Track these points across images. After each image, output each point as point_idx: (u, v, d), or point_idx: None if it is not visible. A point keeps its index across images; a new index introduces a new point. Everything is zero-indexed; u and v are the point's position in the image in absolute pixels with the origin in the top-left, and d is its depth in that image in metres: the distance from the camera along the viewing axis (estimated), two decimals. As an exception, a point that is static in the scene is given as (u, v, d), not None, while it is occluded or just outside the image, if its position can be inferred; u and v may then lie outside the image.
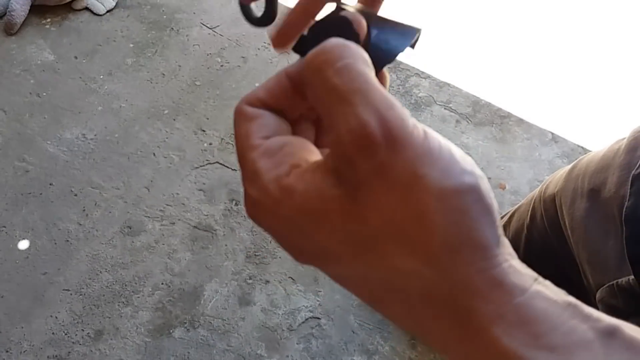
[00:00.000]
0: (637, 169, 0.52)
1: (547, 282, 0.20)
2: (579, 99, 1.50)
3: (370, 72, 0.20)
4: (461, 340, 0.20)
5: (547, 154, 1.41)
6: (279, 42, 0.31)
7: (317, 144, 0.26)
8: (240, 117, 0.25)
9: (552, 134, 1.44)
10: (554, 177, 0.70)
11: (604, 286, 0.53)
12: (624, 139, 0.59)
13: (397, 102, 0.20)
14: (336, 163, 0.20)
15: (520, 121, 1.46)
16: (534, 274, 0.20)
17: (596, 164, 0.60)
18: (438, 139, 0.20)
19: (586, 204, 0.59)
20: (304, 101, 0.25)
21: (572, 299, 0.20)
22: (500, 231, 0.21)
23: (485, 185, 0.20)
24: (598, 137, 1.42)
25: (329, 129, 0.20)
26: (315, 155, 0.23)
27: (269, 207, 0.22)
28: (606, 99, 1.49)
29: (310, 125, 0.27)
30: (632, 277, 0.49)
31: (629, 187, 0.51)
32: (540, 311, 0.19)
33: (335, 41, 0.21)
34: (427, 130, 0.20)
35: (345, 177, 0.20)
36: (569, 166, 0.68)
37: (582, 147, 1.41)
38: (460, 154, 0.20)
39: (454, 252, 0.19)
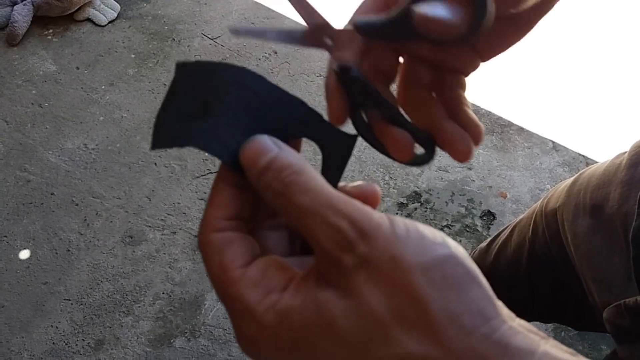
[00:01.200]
0: None
1: (553, 341, 0.20)
2: (579, 108, 1.50)
3: (317, 175, 0.22)
4: None
5: (548, 163, 1.41)
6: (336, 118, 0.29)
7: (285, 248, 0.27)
8: (209, 249, 0.24)
9: (553, 142, 1.44)
10: (555, 191, 0.70)
11: (611, 306, 0.51)
12: (625, 153, 0.58)
13: (357, 202, 0.22)
14: (323, 266, 0.21)
15: (520, 130, 1.46)
16: (540, 333, 0.20)
17: (597, 179, 0.59)
18: (404, 222, 0.21)
19: (589, 221, 0.58)
20: (255, 204, 0.26)
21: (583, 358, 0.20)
22: (492, 293, 0.21)
23: (462, 252, 0.21)
24: (599, 146, 1.42)
25: (308, 238, 0.22)
26: (290, 270, 0.23)
27: (269, 338, 0.22)
28: (607, 108, 1.49)
29: (268, 232, 0.27)
30: (639, 297, 0.48)
31: (636, 206, 0.49)
32: None
33: (255, 145, 0.23)
34: (392, 218, 0.21)
35: (336, 277, 0.21)
36: (570, 180, 0.66)
37: (583, 156, 1.42)
38: (428, 231, 0.21)
39: (456, 321, 0.19)
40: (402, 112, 0.29)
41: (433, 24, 0.23)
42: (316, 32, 0.28)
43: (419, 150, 0.28)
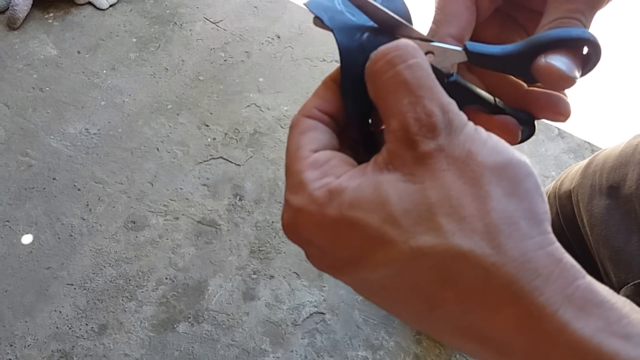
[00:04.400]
0: None
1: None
2: (584, 95, 1.48)
3: (430, 71, 0.22)
4: (525, 330, 0.18)
5: (554, 150, 1.40)
6: None
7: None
8: (295, 129, 0.25)
9: (559, 129, 1.43)
10: (569, 173, 0.69)
11: (629, 285, 0.52)
12: None
13: (455, 103, 0.22)
14: (394, 150, 0.21)
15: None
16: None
17: (614, 160, 0.59)
18: (487, 132, 0.21)
19: (606, 201, 0.58)
20: None
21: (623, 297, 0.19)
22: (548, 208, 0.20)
23: (532, 167, 0.21)
24: (604, 133, 1.41)
25: (391, 116, 0.22)
26: (353, 166, 0.24)
27: (313, 213, 0.22)
28: (612, 95, 1.48)
29: (349, 150, 0.28)
30: None
31: None
32: (606, 297, 0.18)
33: (405, 41, 0.22)
34: (477, 126, 0.22)
35: (404, 161, 0.21)
36: (584, 162, 0.66)
37: (588, 143, 1.40)
38: (506, 143, 0.21)
39: (512, 224, 0.19)
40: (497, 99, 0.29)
41: (555, 76, 0.24)
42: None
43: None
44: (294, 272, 1.23)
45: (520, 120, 0.29)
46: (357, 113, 0.26)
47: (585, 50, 0.26)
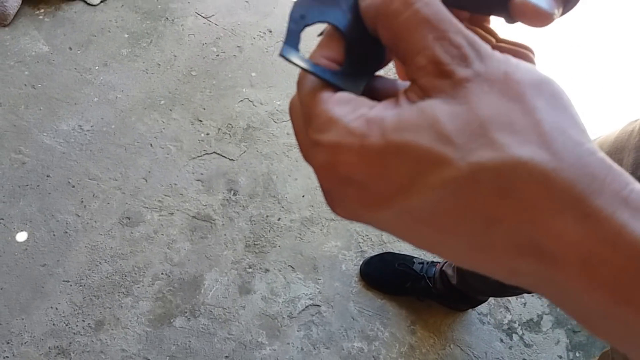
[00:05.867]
0: None
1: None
2: (577, 86, 1.50)
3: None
4: (585, 234, 0.18)
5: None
6: None
7: None
8: (305, 78, 0.23)
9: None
10: None
11: None
12: (637, 120, 0.59)
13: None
14: (429, 81, 0.21)
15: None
16: None
17: (610, 146, 0.60)
18: (514, 57, 0.21)
19: None
20: None
21: None
22: None
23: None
24: (597, 122, 1.43)
25: (416, 54, 0.21)
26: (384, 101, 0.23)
27: (354, 145, 0.20)
28: (602, 86, 1.49)
29: None
30: None
31: None
32: None
33: None
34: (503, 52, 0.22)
35: (443, 87, 0.20)
36: None
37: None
38: (532, 66, 0.21)
39: (563, 133, 0.19)
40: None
41: (532, 12, 0.24)
42: None
43: None
44: (289, 266, 1.23)
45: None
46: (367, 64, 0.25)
47: None
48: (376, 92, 0.26)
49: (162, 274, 1.22)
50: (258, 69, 1.53)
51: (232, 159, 1.38)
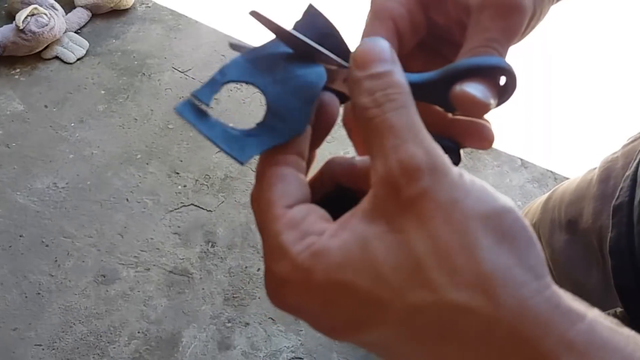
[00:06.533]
0: (616, 199, 0.51)
1: (597, 310, 0.19)
2: (545, 125, 1.54)
3: (416, 112, 0.22)
4: None
5: (518, 180, 1.44)
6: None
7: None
8: (262, 181, 0.24)
9: (521, 160, 1.47)
10: (530, 207, 0.71)
11: None
12: (595, 169, 0.59)
13: (440, 149, 0.22)
14: (379, 196, 0.21)
15: (489, 149, 1.49)
16: (581, 301, 0.19)
17: (571, 195, 0.60)
18: (470, 175, 0.21)
19: (565, 236, 0.59)
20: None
21: (627, 329, 0.19)
22: (543, 254, 0.20)
23: (519, 211, 0.20)
24: (566, 161, 1.46)
25: (376, 159, 0.21)
26: (330, 222, 0.23)
27: (300, 281, 0.20)
28: (572, 124, 1.54)
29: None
30: (619, 308, 0.48)
31: (610, 218, 0.51)
32: (608, 340, 0.18)
33: (395, 80, 0.22)
34: (461, 170, 0.21)
35: (389, 208, 0.20)
36: (544, 197, 0.68)
37: (551, 172, 1.45)
38: (491, 188, 0.21)
39: (505, 273, 0.18)
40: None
41: (470, 102, 0.24)
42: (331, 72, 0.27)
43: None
44: (269, 318, 1.21)
45: (445, 149, 0.29)
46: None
47: (502, 80, 0.26)
48: (334, 174, 0.27)
49: (138, 332, 1.19)
50: (235, 120, 1.55)
51: (209, 210, 1.37)
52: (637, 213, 0.48)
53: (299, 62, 0.27)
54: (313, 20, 0.28)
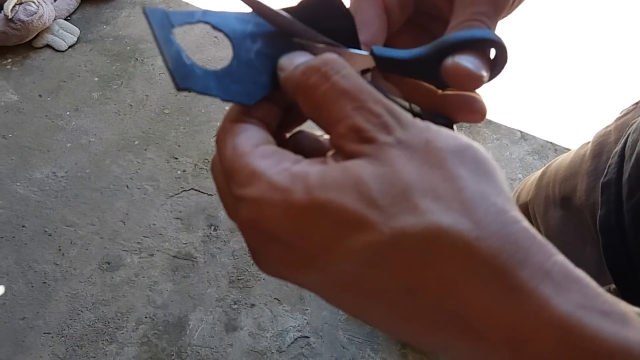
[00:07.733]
0: (605, 176, 0.50)
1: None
2: (544, 97, 1.53)
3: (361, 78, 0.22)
4: (507, 308, 0.18)
5: (518, 152, 1.44)
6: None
7: None
8: (224, 134, 0.23)
9: (521, 132, 1.47)
10: (525, 185, 0.70)
11: None
12: (589, 143, 0.58)
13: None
14: (351, 145, 0.21)
15: (488, 122, 1.48)
16: None
17: (564, 171, 0.60)
18: (427, 122, 0.22)
19: (560, 212, 0.59)
20: (278, 113, 0.26)
21: None
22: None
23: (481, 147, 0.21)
24: (566, 133, 1.45)
25: (337, 123, 0.21)
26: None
27: (277, 201, 0.19)
28: (570, 95, 1.53)
29: None
30: (613, 285, 0.48)
31: (599, 195, 0.50)
32: (580, 274, 0.18)
33: (332, 55, 0.23)
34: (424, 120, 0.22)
35: (363, 152, 0.20)
36: (538, 173, 0.67)
37: (551, 143, 1.44)
38: (454, 132, 0.22)
39: (486, 200, 0.19)
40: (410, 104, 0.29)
41: (463, 74, 0.24)
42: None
43: None
44: (275, 298, 1.22)
45: (438, 125, 0.29)
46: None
47: (492, 53, 0.26)
48: (300, 147, 0.26)
49: (145, 317, 1.20)
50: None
51: (210, 194, 1.37)
52: (626, 190, 0.47)
53: (280, 40, 0.26)
54: (321, 1, 0.27)
